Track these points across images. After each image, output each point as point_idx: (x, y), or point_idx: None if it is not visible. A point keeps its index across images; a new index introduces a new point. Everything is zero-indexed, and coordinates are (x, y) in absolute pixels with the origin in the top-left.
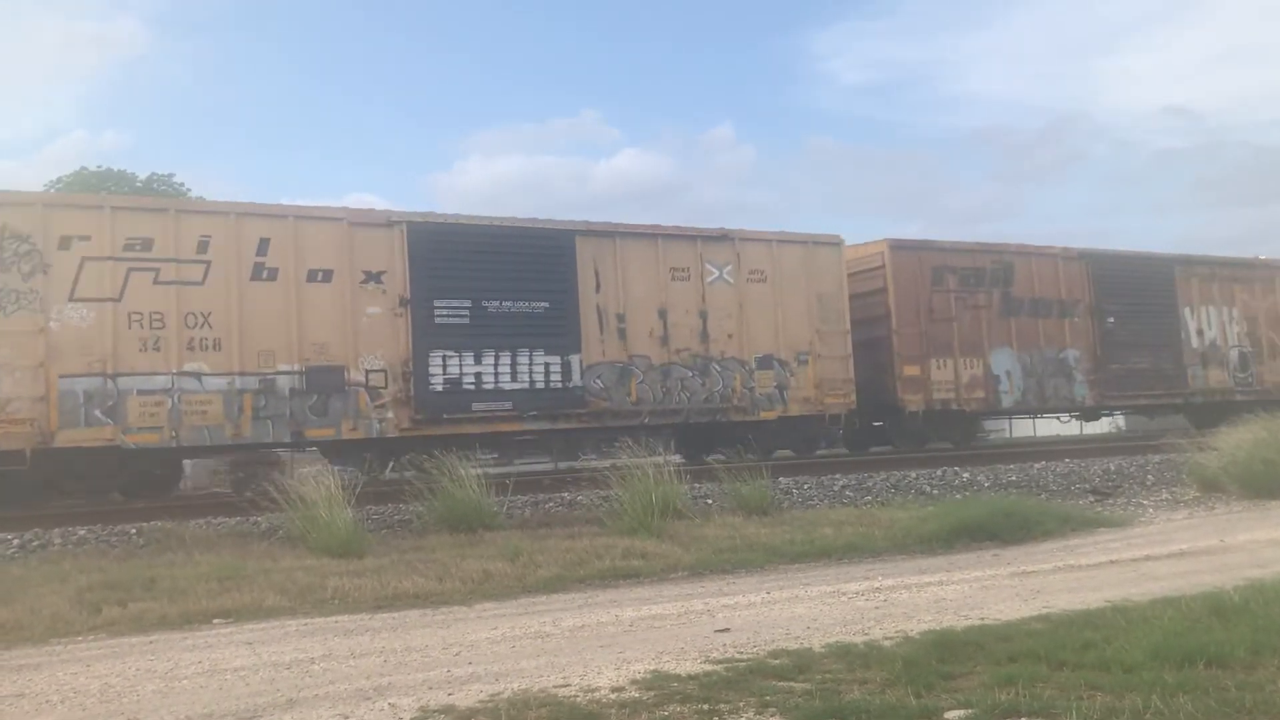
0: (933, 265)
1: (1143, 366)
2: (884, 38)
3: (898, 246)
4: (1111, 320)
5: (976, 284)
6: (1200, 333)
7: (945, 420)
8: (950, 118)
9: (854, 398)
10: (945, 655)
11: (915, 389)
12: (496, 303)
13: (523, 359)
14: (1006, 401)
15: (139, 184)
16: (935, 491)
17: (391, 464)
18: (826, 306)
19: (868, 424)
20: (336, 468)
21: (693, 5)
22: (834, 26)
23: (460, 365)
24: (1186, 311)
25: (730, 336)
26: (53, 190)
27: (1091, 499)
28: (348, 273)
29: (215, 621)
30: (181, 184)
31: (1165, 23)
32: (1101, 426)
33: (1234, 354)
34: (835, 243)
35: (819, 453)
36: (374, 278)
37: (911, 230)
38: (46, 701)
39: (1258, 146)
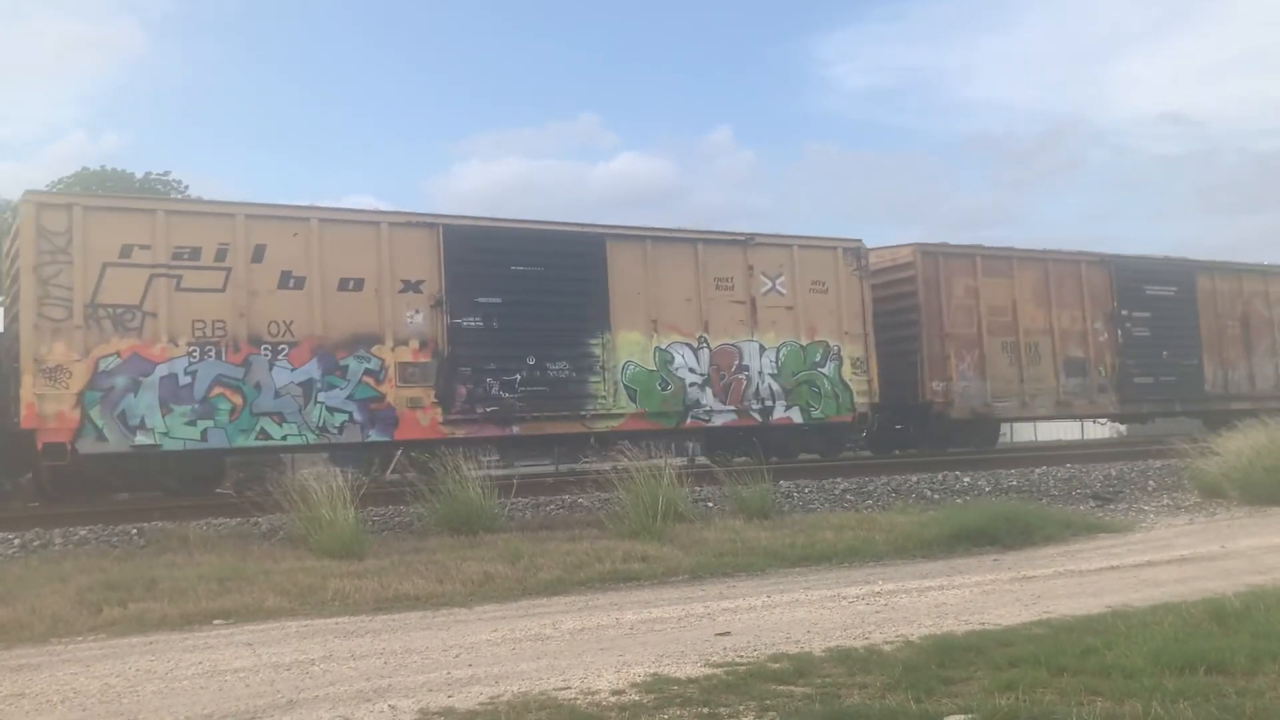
0: None
1: None
2: (890, 42)
3: None
4: None
5: None
6: None
7: None
8: (953, 123)
9: None
10: (945, 660)
11: None
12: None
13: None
14: None
15: (136, 183)
16: (936, 496)
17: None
18: None
19: None
20: None
21: (694, 10)
22: (840, 31)
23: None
24: None
25: None
26: (55, 190)
27: (1093, 504)
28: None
29: (216, 622)
30: (179, 181)
31: (1164, 30)
32: None
33: None
34: None
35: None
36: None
37: (911, 236)
38: (46, 701)
39: (1255, 153)
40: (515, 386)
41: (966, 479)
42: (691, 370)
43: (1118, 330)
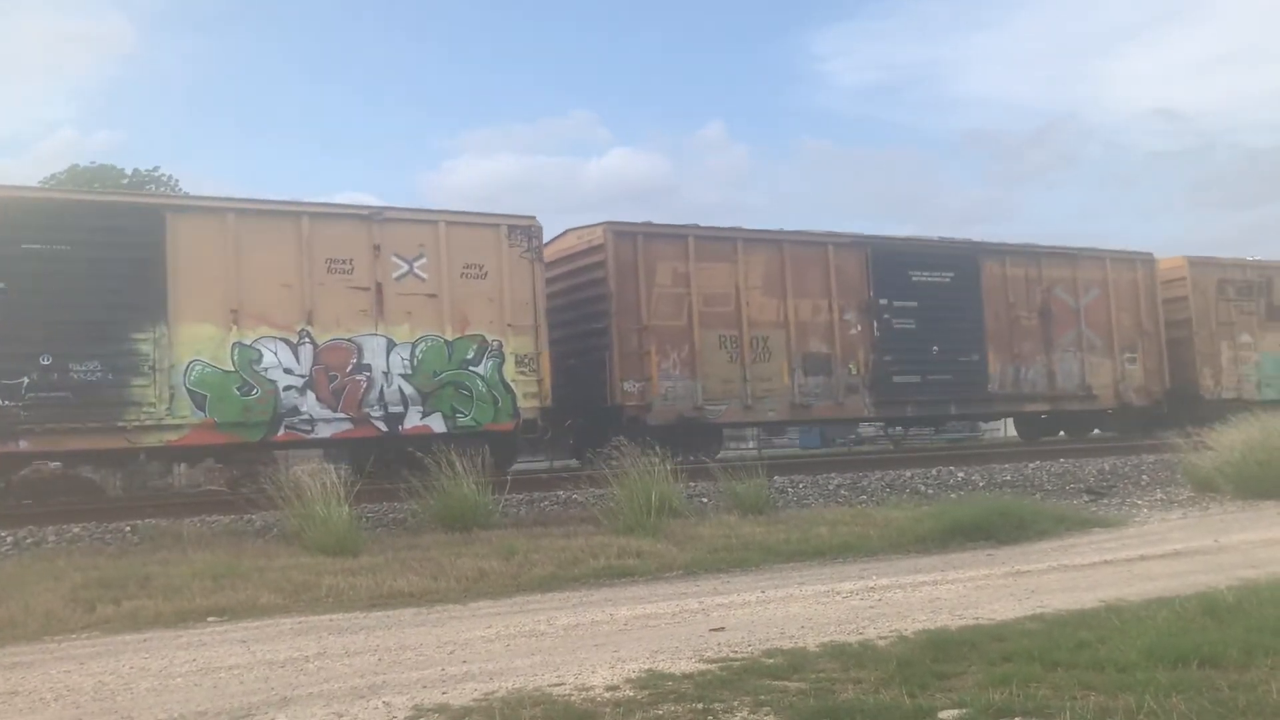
0: None
1: None
2: (885, 38)
3: None
4: None
5: None
6: None
7: None
8: (948, 119)
9: None
10: (940, 655)
11: None
12: None
13: None
14: None
15: (125, 179)
16: (930, 491)
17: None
18: None
19: None
20: None
21: (687, 5)
22: (834, 26)
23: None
24: None
25: None
26: (48, 185)
27: (1086, 499)
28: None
29: (209, 619)
30: (169, 176)
31: (1155, 26)
32: None
33: None
34: None
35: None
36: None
37: (907, 233)
38: (40, 699)
39: (1247, 149)
40: (20, 392)
41: (960, 474)
42: (288, 371)
43: (874, 322)
